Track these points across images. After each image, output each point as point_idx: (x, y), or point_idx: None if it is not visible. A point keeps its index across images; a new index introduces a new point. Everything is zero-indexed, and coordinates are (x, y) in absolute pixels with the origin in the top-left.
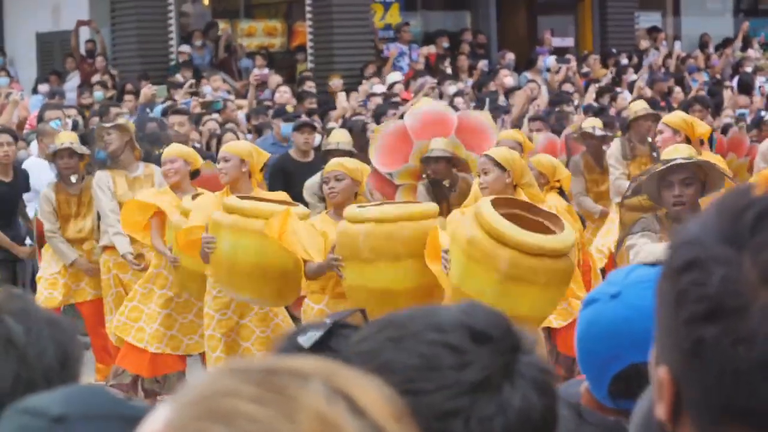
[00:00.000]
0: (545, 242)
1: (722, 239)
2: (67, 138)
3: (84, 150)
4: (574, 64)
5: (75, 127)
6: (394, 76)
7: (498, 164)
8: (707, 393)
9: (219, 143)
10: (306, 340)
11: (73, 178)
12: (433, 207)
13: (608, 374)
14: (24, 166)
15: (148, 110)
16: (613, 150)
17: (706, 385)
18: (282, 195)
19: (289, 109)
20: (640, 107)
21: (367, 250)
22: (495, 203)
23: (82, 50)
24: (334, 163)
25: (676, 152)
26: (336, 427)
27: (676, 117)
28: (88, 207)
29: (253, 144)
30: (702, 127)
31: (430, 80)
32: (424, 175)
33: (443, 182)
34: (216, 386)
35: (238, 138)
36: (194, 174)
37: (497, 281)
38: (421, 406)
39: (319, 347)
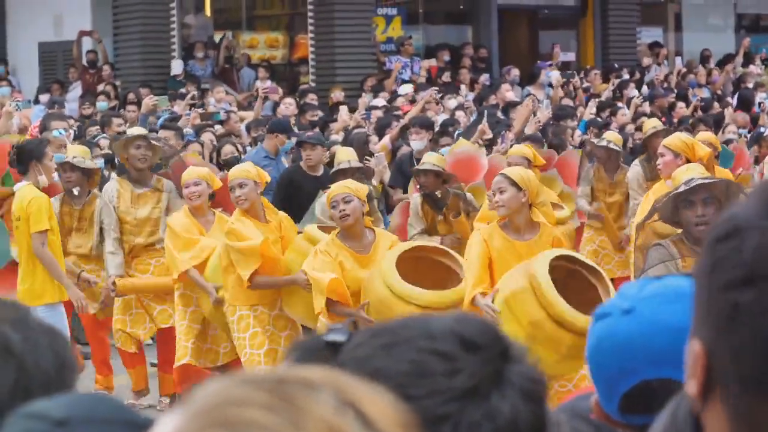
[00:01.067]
0: (575, 317)
1: (760, 214)
2: (72, 152)
3: (88, 165)
4: (578, 79)
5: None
6: (406, 88)
7: (514, 183)
8: (739, 362)
9: (219, 155)
10: (334, 336)
11: (75, 191)
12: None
13: (619, 389)
14: None
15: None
16: (634, 175)
17: (739, 353)
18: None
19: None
20: (653, 125)
21: None
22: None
23: (84, 60)
24: (340, 186)
25: (691, 172)
26: None
27: (677, 139)
28: (89, 222)
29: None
30: (702, 150)
31: (433, 91)
32: (417, 187)
33: (435, 194)
34: (225, 395)
35: (237, 149)
36: (211, 195)
37: (556, 361)
38: (412, 411)
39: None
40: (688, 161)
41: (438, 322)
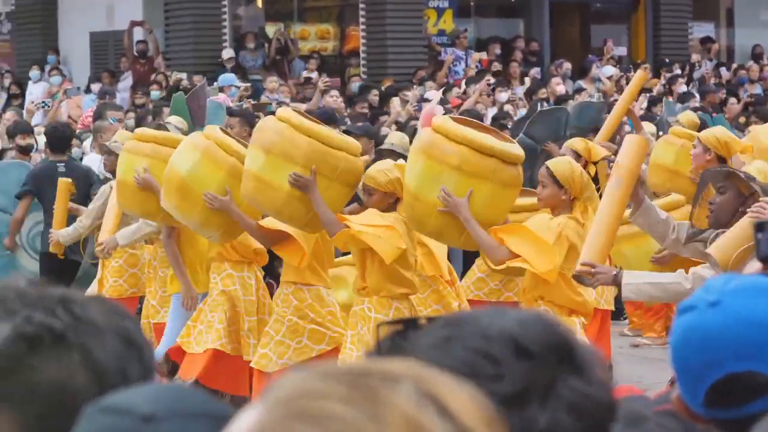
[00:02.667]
0: (495, 144)
1: None
2: (117, 137)
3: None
4: (633, 73)
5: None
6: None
7: (555, 180)
8: None
9: None
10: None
11: (110, 175)
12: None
13: (705, 383)
14: (83, 162)
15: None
16: None
17: None
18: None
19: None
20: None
21: None
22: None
23: (134, 51)
24: (367, 175)
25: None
26: (424, 429)
27: (711, 135)
28: None
29: None
30: (738, 145)
31: (487, 80)
32: None
33: None
34: (305, 387)
35: None
36: None
37: (450, 174)
38: None
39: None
40: (720, 158)
41: (500, 322)
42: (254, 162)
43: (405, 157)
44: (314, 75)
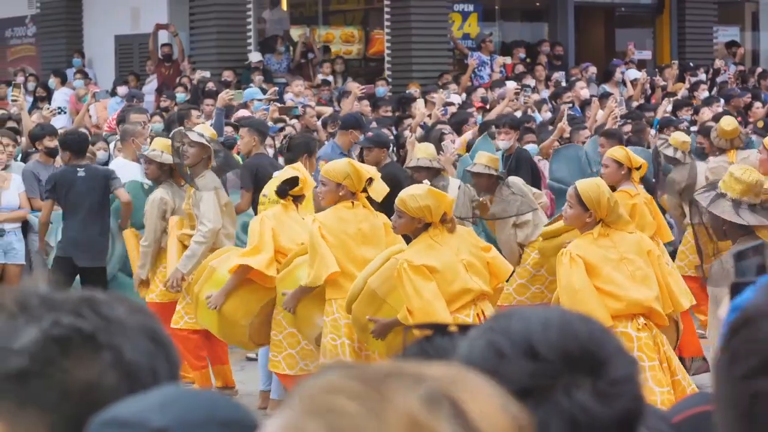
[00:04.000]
0: None
1: None
2: (153, 145)
3: (164, 159)
4: (659, 78)
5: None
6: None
7: (581, 201)
8: None
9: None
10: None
11: (151, 183)
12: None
13: None
14: (111, 166)
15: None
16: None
17: None
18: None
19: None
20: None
21: None
22: None
23: (159, 54)
24: (399, 197)
25: None
26: (426, 429)
27: None
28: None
29: (351, 161)
30: None
31: (513, 85)
32: None
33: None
34: (327, 383)
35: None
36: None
37: None
38: None
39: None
40: None
41: (529, 320)
42: None
43: (435, 170)
44: (330, 78)
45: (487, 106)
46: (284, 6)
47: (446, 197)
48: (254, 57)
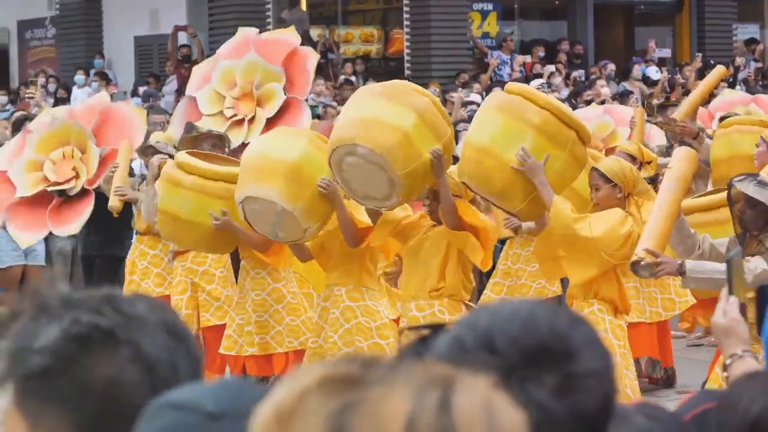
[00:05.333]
0: (576, 116)
1: None
2: (154, 138)
3: (170, 150)
4: (679, 75)
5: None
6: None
7: (607, 179)
8: None
9: None
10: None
11: None
12: None
13: None
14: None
15: None
16: None
17: None
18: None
19: None
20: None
21: None
22: None
23: (178, 55)
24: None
25: None
26: (424, 426)
27: None
28: None
29: None
30: None
31: (537, 83)
32: None
33: None
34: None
35: None
36: None
37: (530, 135)
38: None
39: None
40: None
41: (501, 313)
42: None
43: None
44: (353, 78)
45: None
46: (303, 6)
47: None
48: None
